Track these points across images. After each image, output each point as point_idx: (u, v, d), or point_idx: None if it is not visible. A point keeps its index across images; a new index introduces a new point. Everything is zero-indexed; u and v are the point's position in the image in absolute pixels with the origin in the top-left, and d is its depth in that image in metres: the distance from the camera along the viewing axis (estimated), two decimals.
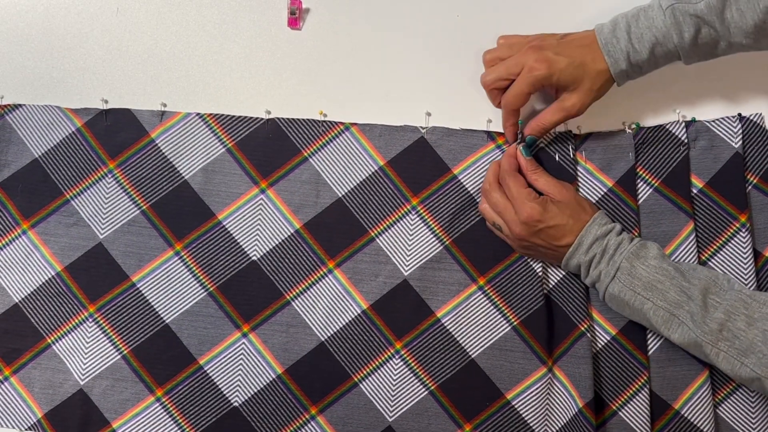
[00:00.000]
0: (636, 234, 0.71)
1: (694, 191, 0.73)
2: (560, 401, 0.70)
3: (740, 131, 0.73)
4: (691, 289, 0.62)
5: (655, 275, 0.63)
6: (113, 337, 0.75)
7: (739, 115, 0.74)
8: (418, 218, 0.75)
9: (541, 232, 0.67)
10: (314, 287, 0.74)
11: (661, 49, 0.66)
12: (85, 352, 0.75)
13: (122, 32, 0.80)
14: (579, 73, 0.67)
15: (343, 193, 0.75)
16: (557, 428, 0.70)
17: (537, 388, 0.71)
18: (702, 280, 0.62)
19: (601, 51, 0.67)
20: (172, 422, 0.73)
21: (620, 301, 0.65)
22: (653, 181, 0.73)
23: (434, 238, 0.74)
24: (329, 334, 0.73)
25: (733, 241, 0.72)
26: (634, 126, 0.74)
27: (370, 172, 0.75)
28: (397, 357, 0.73)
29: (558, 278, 0.72)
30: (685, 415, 0.69)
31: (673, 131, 0.74)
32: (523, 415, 0.70)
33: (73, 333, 0.75)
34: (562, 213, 0.67)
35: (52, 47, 0.80)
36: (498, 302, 0.73)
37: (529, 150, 0.71)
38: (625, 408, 0.69)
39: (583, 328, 0.69)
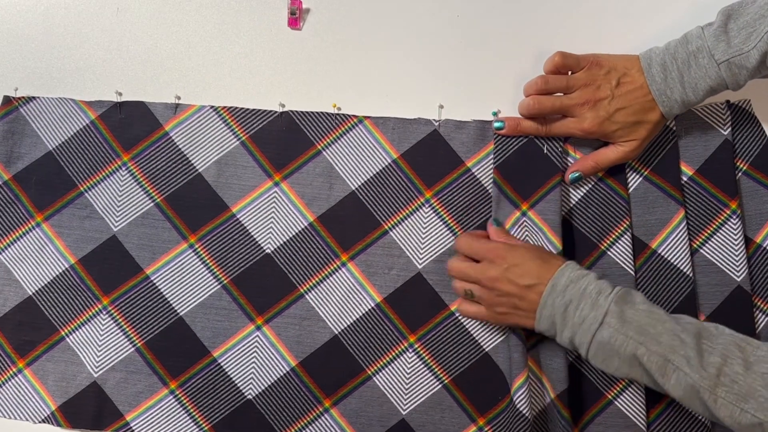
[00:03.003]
0: (627, 224, 0.71)
1: (684, 179, 0.73)
2: (535, 393, 0.70)
3: (729, 118, 0.73)
4: (683, 333, 0.59)
5: (646, 319, 0.60)
6: (127, 329, 0.75)
7: (728, 101, 0.74)
8: (431, 211, 0.74)
9: (508, 271, 0.65)
10: (327, 280, 0.74)
11: (714, 92, 0.68)
12: (99, 344, 0.75)
13: (122, 32, 0.80)
14: (633, 130, 0.69)
15: (357, 186, 0.75)
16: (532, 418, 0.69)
17: (530, 384, 0.69)
18: (692, 324, 0.60)
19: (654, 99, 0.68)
20: (185, 415, 0.73)
21: (609, 349, 0.61)
22: (643, 170, 0.73)
23: (448, 231, 0.74)
24: (343, 327, 0.73)
25: (723, 228, 0.72)
26: None
27: (384, 165, 0.75)
28: (410, 350, 0.73)
29: None
30: None
31: None
32: (523, 411, 0.70)
33: (86, 325, 0.75)
34: (529, 252, 0.66)
35: (53, 45, 0.80)
36: None
37: (501, 223, 0.72)
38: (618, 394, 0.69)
39: None
